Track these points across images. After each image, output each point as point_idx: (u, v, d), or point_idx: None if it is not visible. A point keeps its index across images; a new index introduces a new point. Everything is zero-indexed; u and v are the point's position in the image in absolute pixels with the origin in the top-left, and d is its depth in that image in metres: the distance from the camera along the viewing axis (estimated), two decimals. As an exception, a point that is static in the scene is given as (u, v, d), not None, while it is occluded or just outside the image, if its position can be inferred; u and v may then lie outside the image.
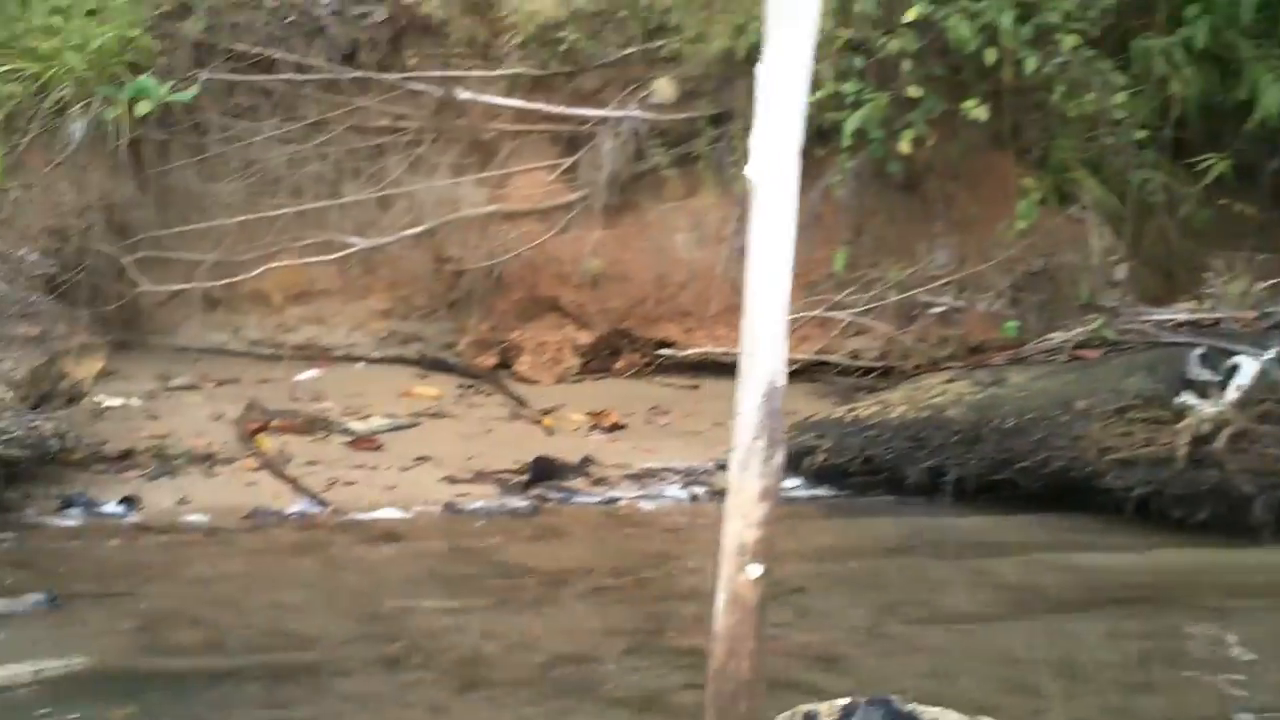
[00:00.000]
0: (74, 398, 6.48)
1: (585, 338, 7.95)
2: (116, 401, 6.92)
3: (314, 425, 6.90)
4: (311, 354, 7.88)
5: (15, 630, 4.25)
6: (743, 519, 2.61)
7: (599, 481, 6.39)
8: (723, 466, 5.01)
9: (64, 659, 3.93)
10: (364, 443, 6.73)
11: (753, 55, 7.20)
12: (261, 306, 7.90)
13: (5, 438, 5.57)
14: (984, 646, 4.35)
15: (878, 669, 4.09)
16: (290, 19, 7.53)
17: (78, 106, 7.10)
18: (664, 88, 7.68)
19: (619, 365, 7.92)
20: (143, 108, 7.09)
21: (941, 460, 6.10)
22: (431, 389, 7.57)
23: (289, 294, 7.89)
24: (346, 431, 6.87)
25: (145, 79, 7.10)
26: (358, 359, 7.95)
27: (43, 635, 4.22)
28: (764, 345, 2.65)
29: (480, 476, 6.34)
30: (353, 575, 5.08)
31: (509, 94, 7.79)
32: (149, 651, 4.17)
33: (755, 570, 2.59)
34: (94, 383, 6.55)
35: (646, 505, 6.10)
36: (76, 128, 7.09)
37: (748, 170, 2.70)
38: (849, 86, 7.29)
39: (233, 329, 7.94)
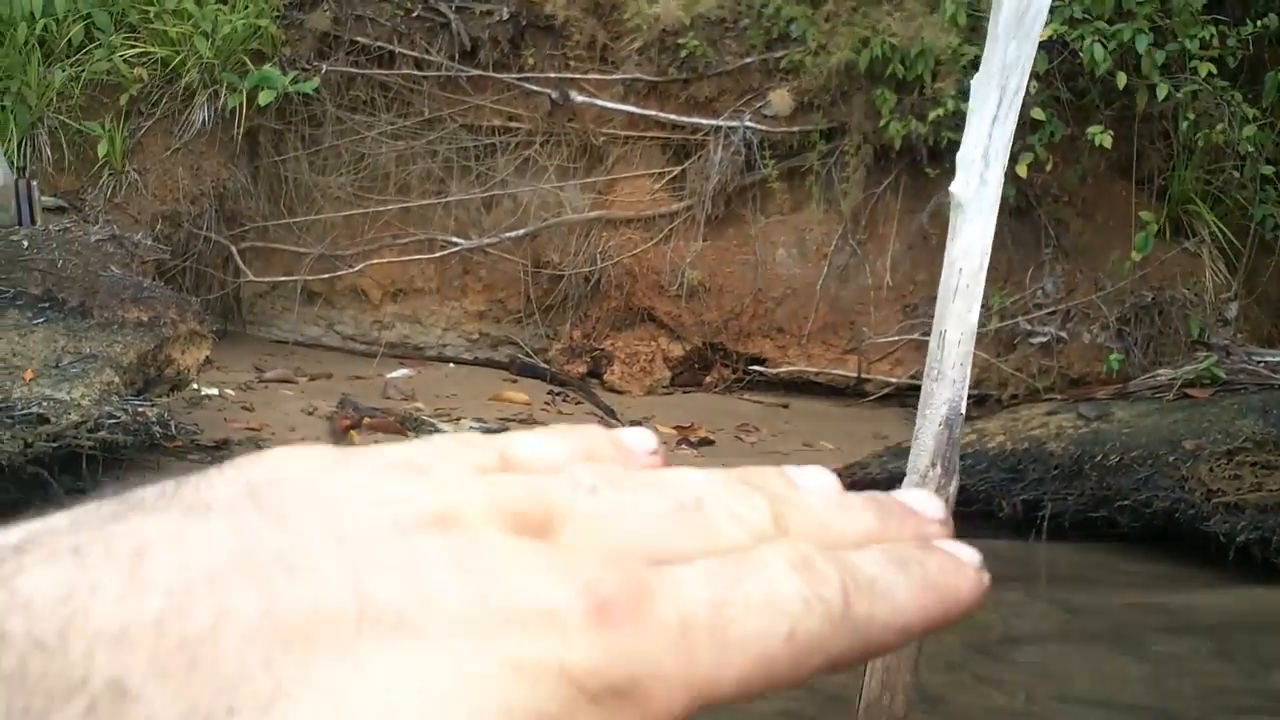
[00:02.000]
0: (177, 385, 7.05)
1: (678, 350, 8.38)
2: (213, 391, 7.47)
3: (404, 424, 7.39)
4: (404, 352, 8.42)
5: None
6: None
7: None
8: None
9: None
10: (447, 444, 7.24)
11: (874, 69, 7.72)
12: (359, 302, 8.46)
13: (111, 422, 6.07)
14: (1071, 680, 4.65)
15: (968, 703, 4.40)
16: (416, 14, 8.08)
17: (202, 93, 7.66)
18: (780, 99, 8.07)
19: (709, 379, 8.31)
20: (264, 97, 7.66)
21: (1039, 494, 6.36)
22: (521, 394, 8.04)
23: (387, 291, 8.44)
24: (436, 433, 7.34)
25: (269, 69, 7.68)
26: (449, 360, 8.47)
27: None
28: (949, 369, 2.67)
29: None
30: None
31: (623, 99, 8.25)
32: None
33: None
34: (197, 371, 7.07)
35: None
36: (199, 114, 7.66)
37: (952, 187, 2.83)
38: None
39: (328, 323, 8.50)
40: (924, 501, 0.39)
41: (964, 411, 2.66)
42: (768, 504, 0.35)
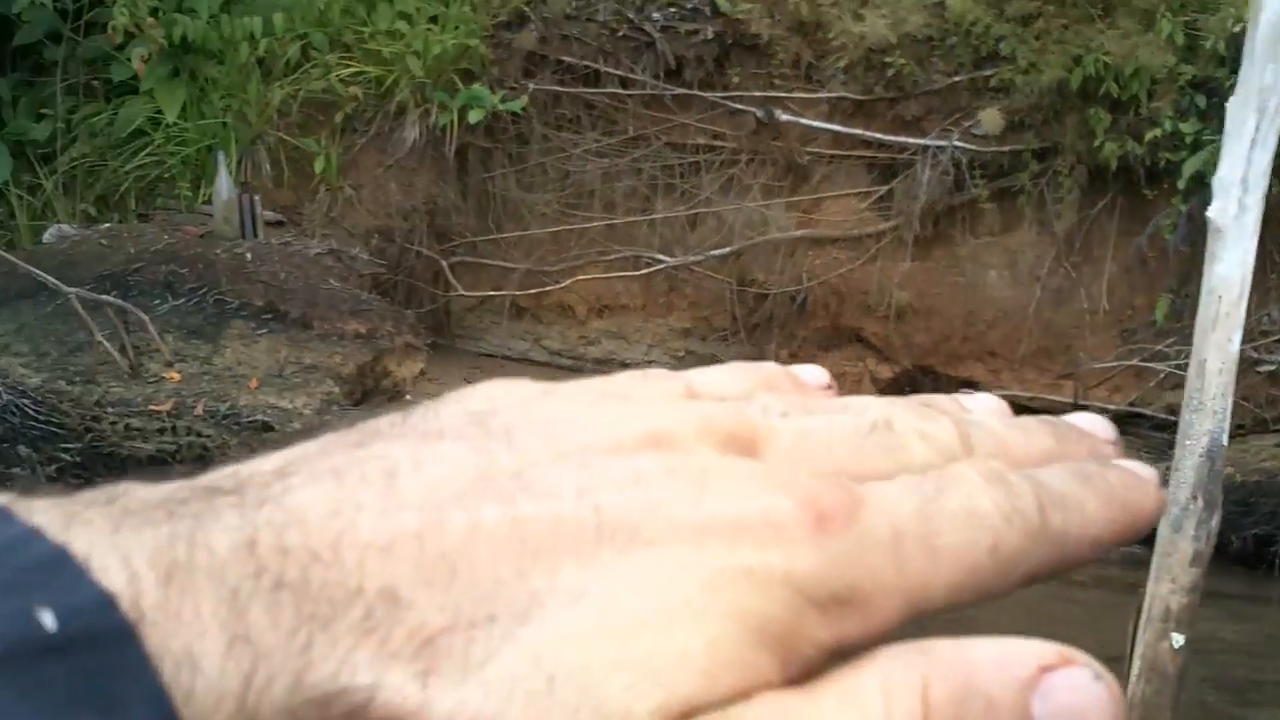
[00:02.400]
0: (393, 397, 7.30)
1: (886, 371, 8.39)
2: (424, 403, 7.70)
3: (611, 440, 7.53)
4: (609, 368, 8.51)
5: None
6: (1171, 583, 2.60)
7: None
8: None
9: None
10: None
11: (1087, 88, 7.63)
12: (565, 318, 8.64)
13: None
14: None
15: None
16: (621, 33, 8.24)
17: (414, 111, 7.91)
18: (990, 118, 8.03)
19: (918, 402, 8.33)
20: (474, 115, 7.90)
21: (1271, 529, 6.27)
22: (729, 413, 8.12)
23: (593, 307, 8.60)
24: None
25: (479, 87, 7.91)
26: (654, 376, 8.58)
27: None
28: (1209, 400, 2.67)
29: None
30: None
31: (829, 118, 8.30)
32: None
33: (1178, 639, 2.59)
34: (412, 383, 7.30)
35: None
36: (410, 132, 7.91)
37: (1210, 211, 2.82)
38: (1187, 126, 7.53)
39: (535, 338, 8.69)
40: (1096, 424, 0.40)
41: (1225, 443, 2.60)
42: (953, 424, 0.36)
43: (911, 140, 8.21)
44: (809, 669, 0.30)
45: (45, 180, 8.13)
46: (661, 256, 8.44)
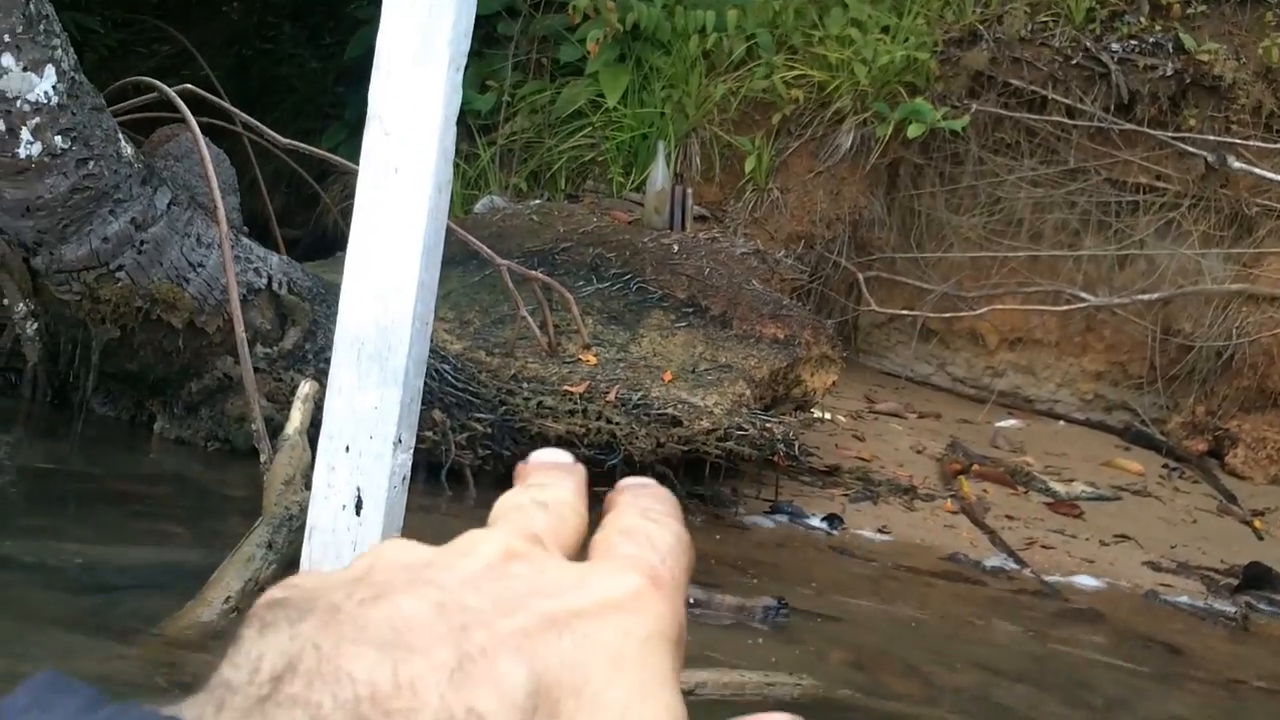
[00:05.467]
0: (802, 406, 7.83)
1: (1312, 441, 8.56)
2: (826, 415, 8.24)
3: (1014, 478, 7.94)
4: (1013, 402, 9.03)
5: (745, 633, 5.02)
6: None
7: None
8: None
9: (794, 677, 4.48)
10: (1064, 507, 7.72)
11: None
12: (974, 345, 9.16)
13: (739, 434, 6.79)
14: None
15: None
16: (1075, 61, 8.70)
17: (851, 119, 8.53)
18: None
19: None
20: (913, 130, 8.48)
21: None
22: (1135, 464, 8.46)
23: (1004, 338, 9.09)
24: (1047, 491, 7.88)
25: (921, 102, 8.47)
26: (1059, 417, 9.02)
27: (766, 645, 4.92)
28: None
29: (1184, 568, 7.14)
30: (1063, 654, 5.56)
31: (1286, 170, 8.53)
32: (865, 690, 4.69)
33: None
34: (823, 395, 7.83)
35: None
36: (845, 140, 8.52)
37: None
38: None
39: (939, 362, 9.23)
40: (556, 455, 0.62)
41: None
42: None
43: (1373, 202, 8.37)
44: None
45: (483, 151, 9.05)
46: (1084, 294, 8.83)
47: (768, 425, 6.92)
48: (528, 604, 0.47)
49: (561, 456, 0.61)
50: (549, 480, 0.58)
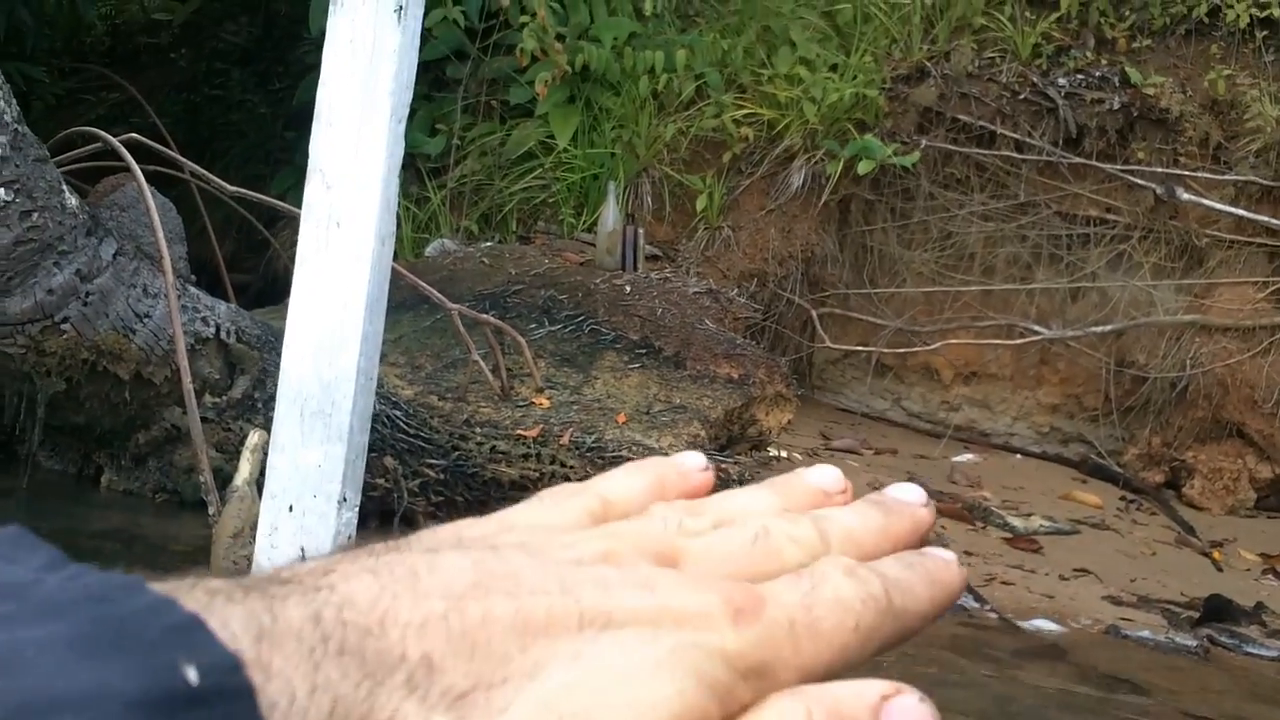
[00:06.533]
0: (757, 445, 7.83)
1: (1266, 471, 8.65)
2: (782, 453, 8.22)
3: (972, 513, 7.93)
4: (969, 437, 9.05)
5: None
6: None
7: (1275, 634, 6.99)
8: None
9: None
10: (1022, 541, 7.70)
11: None
12: (928, 380, 9.20)
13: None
14: None
15: None
16: (1023, 96, 8.77)
17: (802, 157, 8.57)
18: None
19: (1300, 509, 8.56)
20: (864, 167, 8.52)
21: None
22: (1093, 496, 8.48)
23: (959, 372, 9.13)
24: (1005, 526, 7.86)
25: (871, 138, 8.51)
26: (1016, 450, 9.05)
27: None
28: None
29: (1144, 602, 7.13)
30: (1026, 692, 5.68)
31: (1233, 201, 8.63)
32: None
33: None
34: (777, 434, 7.82)
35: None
36: (796, 177, 8.56)
37: None
38: None
39: (895, 398, 9.25)
40: (912, 493, 0.56)
41: None
42: (811, 524, 0.52)
43: (1323, 233, 8.45)
44: (732, 717, 0.44)
45: (434, 194, 9.03)
46: (1038, 328, 8.88)
47: (723, 465, 6.92)
48: (571, 589, 0.44)
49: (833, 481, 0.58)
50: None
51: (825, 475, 0.57)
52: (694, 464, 0.58)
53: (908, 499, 0.56)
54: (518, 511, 0.53)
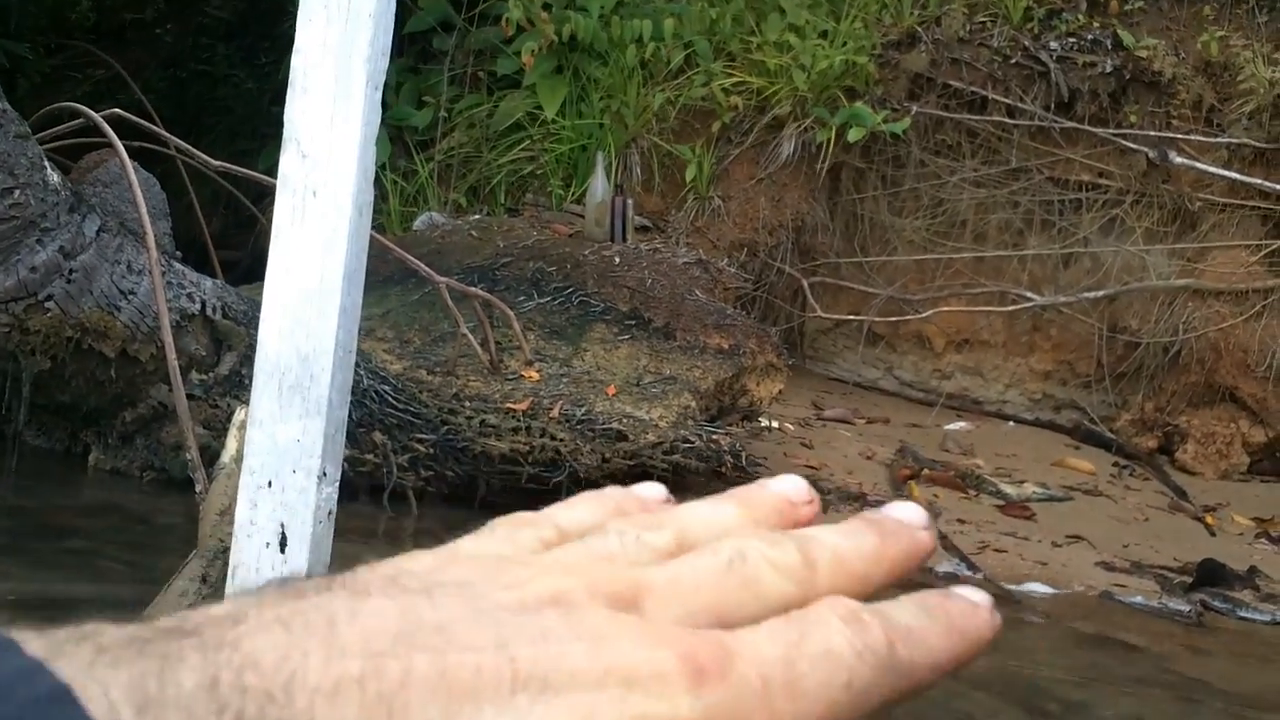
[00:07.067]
0: (748, 416, 7.82)
1: (1259, 435, 8.63)
2: (774, 424, 8.22)
3: (965, 481, 7.92)
4: (962, 405, 9.03)
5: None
6: None
7: (1269, 598, 7.01)
8: None
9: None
10: (1015, 509, 7.70)
11: None
12: (921, 348, 9.17)
13: (685, 446, 6.75)
14: None
15: None
16: (1014, 60, 8.72)
17: (792, 125, 8.51)
18: None
19: (1293, 470, 8.57)
20: (854, 134, 8.48)
21: None
22: (1086, 463, 8.46)
23: (951, 340, 9.10)
24: (998, 494, 7.86)
25: (862, 106, 8.48)
26: (1008, 418, 9.04)
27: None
28: None
29: (1137, 568, 7.13)
30: (1021, 659, 5.62)
31: (1226, 164, 8.59)
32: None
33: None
34: (769, 404, 7.80)
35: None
36: (786, 146, 8.51)
37: None
38: None
39: (887, 366, 9.23)
40: (911, 513, 0.51)
41: None
42: (795, 547, 0.46)
43: (1316, 194, 8.42)
44: None
45: (421, 167, 8.98)
46: (1030, 294, 8.86)
47: (714, 437, 6.90)
48: (508, 643, 0.39)
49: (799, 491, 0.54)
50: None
51: (790, 485, 0.53)
52: (654, 494, 0.54)
53: (907, 520, 0.51)
54: (467, 541, 0.48)
